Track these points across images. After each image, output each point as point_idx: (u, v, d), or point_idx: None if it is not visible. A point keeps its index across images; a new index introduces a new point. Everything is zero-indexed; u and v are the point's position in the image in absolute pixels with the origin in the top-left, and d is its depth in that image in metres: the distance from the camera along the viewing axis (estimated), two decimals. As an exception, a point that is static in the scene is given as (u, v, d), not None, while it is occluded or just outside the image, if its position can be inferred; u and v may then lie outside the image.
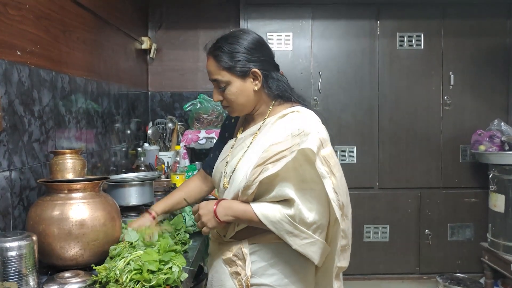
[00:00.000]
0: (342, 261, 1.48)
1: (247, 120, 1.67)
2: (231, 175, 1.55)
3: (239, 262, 1.51)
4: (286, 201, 1.43)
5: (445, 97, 3.78)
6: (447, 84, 3.78)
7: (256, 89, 1.54)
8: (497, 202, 3.36)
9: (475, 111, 3.79)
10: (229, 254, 1.55)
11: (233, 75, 1.51)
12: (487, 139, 3.49)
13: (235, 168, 1.54)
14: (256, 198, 1.47)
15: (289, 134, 1.45)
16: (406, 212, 3.81)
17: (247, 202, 1.47)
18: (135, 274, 1.31)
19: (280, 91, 1.56)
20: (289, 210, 1.41)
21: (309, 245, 1.43)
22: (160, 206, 1.78)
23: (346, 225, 1.46)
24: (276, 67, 1.61)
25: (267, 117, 1.57)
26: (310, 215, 1.41)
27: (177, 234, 1.74)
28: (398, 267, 3.85)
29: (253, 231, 1.51)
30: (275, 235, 1.45)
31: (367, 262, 3.78)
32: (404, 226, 3.82)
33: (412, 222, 3.82)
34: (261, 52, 1.55)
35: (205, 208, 1.51)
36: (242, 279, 1.48)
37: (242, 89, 1.53)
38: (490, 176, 3.43)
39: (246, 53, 1.51)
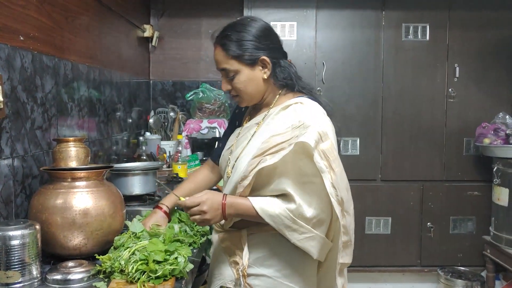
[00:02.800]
0: (345, 257, 1.45)
1: (255, 109, 1.65)
2: (234, 164, 1.53)
3: (237, 251, 1.50)
4: (285, 196, 1.40)
5: (450, 90, 3.74)
6: (452, 76, 3.74)
7: (265, 77, 1.52)
8: (501, 196, 3.35)
9: (480, 104, 3.75)
10: (228, 243, 1.55)
11: (241, 63, 1.49)
12: (492, 132, 3.46)
13: (238, 157, 1.52)
14: (255, 190, 1.45)
15: (290, 126, 1.43)
16: (409, 204, 3.79)
17: (244, 196, 1.44)
18: (141, 264, 1.29)
19: (288, 80, 1.54)
20: (288, 205, 1.39)
21: (308, 240, 1.41)
22: (170, 199, 1.73)
23: (347, 221, 1.42)
24: (285, 55, 1.59)
25: (272, 107, 1.56)
26: (309, 210, 1.39)
27: (195, 225, 1.70)
28: (399, 259, 3.83)
29: (252, 221, 1.48)
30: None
31: (369, 254, 3.77)
32: (406, 219, 3.80)
33: (414, 215, 3.80)
34: (270, 39, 1.53)
35: (211, 205, 1.41)
36: (240, 268, 1.47)
37: (251, 78, 1.50)
38: (494, 170, 3.41)
39: (255, 41, 1.48)
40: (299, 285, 1.49)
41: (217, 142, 1.82)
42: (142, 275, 1.28)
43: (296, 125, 1.42)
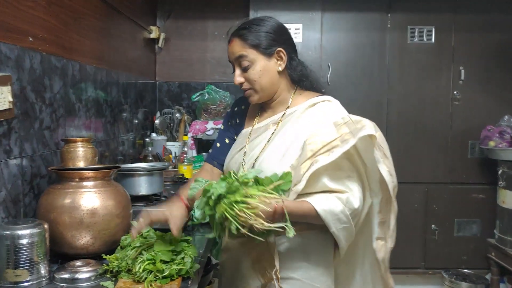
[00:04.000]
0: (391, 242, 1.52)
1: (264, 108, 1.63)
2: (254, 164, 1.50)
3: (265, 255, 1.42)
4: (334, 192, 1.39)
5: (455, 92, 3.74)
6: (457, 79, 3.73)
7: (280, 70, 1.53)
8: (506, 199, 3.34)
9: (485, 106, 3.75)
10: (251, 248, 1.47)
11: (259, 53, 1.50)
12: (497, 135, 3.46)
13: (257, 158, 1.50)
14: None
15: (331, 124, 1.44)
16: (413, 206, 3.79)
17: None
18: (148, 264, 1.30)
19: (302, 76, 1.56)
20: (343, 205, 1.37)
21: (343, 230, 1.39)
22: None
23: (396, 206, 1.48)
24: (297, 54, 1.61)
25: (291, 106, 1.56)
26: (356, 201, 1.39)
27: None
28: (403, 261, 3.83)
29: None
30: (301, 225, 1.38)
31: (373, 256, 3.77)
32: (410, 221, 3.80)
33: (419, 217, 3.80)
34: (287, 34, 1.57)
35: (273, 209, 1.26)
36: (269, 272, 1.40)
37: (267, 69, 1.51)
38: (499, 173, 3.41)
39: (273, 33, 1.51)
40: (325, 285, 1.48)
41: (213, 144, 1.74)
42: (149, 274, 1.30)
43: (340, 121, 1.44)
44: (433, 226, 3.79)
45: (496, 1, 3.69)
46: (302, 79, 1.57)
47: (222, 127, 1.77)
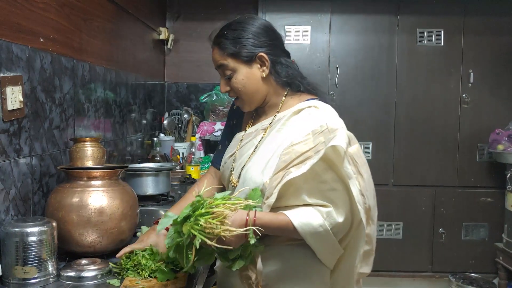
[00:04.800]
0: (364, 267, 1.37)
1: (258, 112, 1.55)
2: (240, 173, 1.43)
3: (250, 265, 1.33)
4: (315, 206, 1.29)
5: (464, 95, 3.73)
6: (466, 82, 3.72)
7: (264, 76, 1.43)
8: (514, 203, 3.32)
9: (494, 110, 3.73)
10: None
11: (238, 61, 1.41)
12: (506, 138, 3.44)
13: (244, 166, 1.43)
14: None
15: (310, 132, 1.33)
16: (421, 209, 3.78)
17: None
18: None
19: (289, 78, 1.45)
20: (323, 220, 1.27)
21: (323, 244, 1.31)
22: (174, 211, 1.49)
23: (371, 230, 1.34)
24: (286, 53, 1.50)
25: (280, 111, 1.46)
26: (339, 216, 1.27)
27: None
28: (410, 265, 3.82)
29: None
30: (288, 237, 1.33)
31: (379, 258, 3.70)
32: (417, 224, 3.79)
33: (426, 220, 3.79)
34: (268, 36, 1.45)
35: (232, 221, 1.22)
36: (253, 282, 1.31)
37: (249, 76, 1.42)
38: (507, 176, 3.39)
39: (252, 38, 1.41)
40: None
41: (217, 147, 1.70)
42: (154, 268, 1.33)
43: (318, 130, 1.32)
44: (440, 229, 3.77)
45: (506, 4, 3.67)
46: (292, 81, 1.46)
47: (224, 127, 1.73)
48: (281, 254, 1.36)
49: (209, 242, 1.17)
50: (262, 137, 1.45)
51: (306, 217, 1.27)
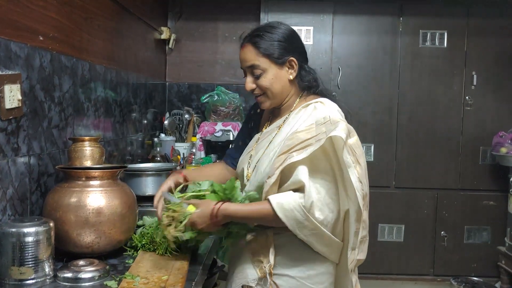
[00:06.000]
0: (361, 254, 1.46)
1: (274, 113, 1.67)
2: (255, 165, 1.55)
3: (262, 250, 1.49)
4: (299, 190, 1.41)
5: (467, 97, 3.70)
6: (470, 84, 3.70)
7: (291, 78, 1.55)
8: (517, 206, 3.30)
9: (497, 112, 3.71)
10: (252, 242, 1.53)
11: (271, 62, 1.52)
12: (509, 141, 3.42)
13: (259, 160, 1.55)
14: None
15: (313, 122, 1.46)
16: (422, 212, 3.76)
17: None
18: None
19: (310, 83, 1.58)
20: (302, 200, 1.38)
21: (313, 235, 1.42)
22: (192, 174, 1.71)
23: (366, 215, 1.45)
24: (307, 61, 1.63)
25: (293, 110, 1.58)
26: (320, 213, 1.40)
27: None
28: (412, 268, 3.80)
29: None
30: None
31: (381, 261, 3.74)
32: (419, 227, 3.77)
33: (428, 223, 3.77)
34: (298, 43, 1.59)
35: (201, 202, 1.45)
36: (265, 266, 1.46)
37: (278, 77, 1.54)
38: (510, 180, 3.37)
39: (285, 42, 1.53)
40: (322, 286, 1.49)
41: (231, 145, 1.84)
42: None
43: (321, 121, 1.45)
44: (442, 232, 3.75)
45: (510, 5, 3.65)
46: (310, 86, 1.59)
47: (240, 129, 1.86)
48: (292, 242, 1.46)
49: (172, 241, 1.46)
50: (276, 133, 1.57)
51: (283, 196, 1.39)
